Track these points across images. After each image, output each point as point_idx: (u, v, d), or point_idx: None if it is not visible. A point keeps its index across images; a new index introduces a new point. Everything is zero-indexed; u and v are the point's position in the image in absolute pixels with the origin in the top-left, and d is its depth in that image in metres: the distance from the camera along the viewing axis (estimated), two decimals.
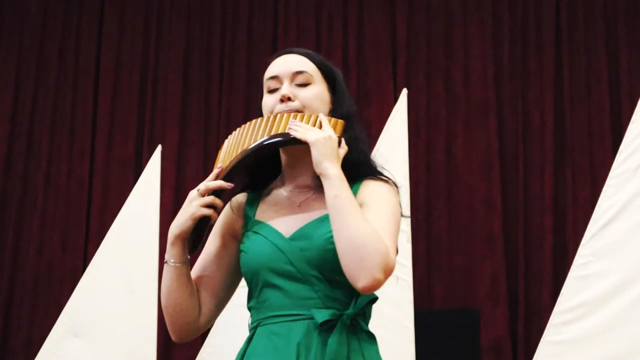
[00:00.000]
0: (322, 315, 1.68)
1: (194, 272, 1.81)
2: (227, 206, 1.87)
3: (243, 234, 1.81)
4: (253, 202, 1.85)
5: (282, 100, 1.81)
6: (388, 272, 1.63)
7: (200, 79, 5.64)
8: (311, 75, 1.84)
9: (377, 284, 1.62)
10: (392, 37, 5.50)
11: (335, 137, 1.73)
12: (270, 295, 1.73)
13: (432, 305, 4.97)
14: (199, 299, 1.80)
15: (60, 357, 3.97)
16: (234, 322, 1.89)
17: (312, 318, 1.69)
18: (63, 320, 4.03)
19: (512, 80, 5.30)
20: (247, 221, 1.83)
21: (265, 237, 1.75)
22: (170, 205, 5.28)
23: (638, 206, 3.40)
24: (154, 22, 5.76)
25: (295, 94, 1.81)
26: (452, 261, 5.08)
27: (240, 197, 1.87)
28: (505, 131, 5.24)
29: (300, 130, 1.73)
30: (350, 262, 1.62)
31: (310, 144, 1.71)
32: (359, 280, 1.61)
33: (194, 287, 1.79)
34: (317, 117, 1.78)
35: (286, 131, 1.74)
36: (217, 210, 1.76)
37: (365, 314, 1.76)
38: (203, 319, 1.81)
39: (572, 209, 5.00)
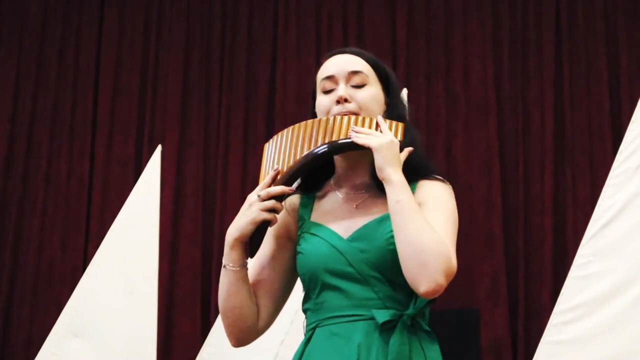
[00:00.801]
0: (382, 316, 1.67)
1: (251, 275, 1.78)
2: None
3: (298, 235, 1.80)
4: (307, 203, 1.84)
5: (338, 102, 1.79)
6: (450, 276, 1.63)
7: (200, 79, 5.63)
8: (367, 76, 1.84)
9: (439, 289, 1.63)
10: (392, 37, 5.49)
11: (397, 142, 1.72)
12: (329, 296, 1.72)
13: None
14: (257, 302, 1.77)
15: (60, 357, 3.96)
16: None
17: (372, 318, 1.68)
18: (63, 320, 4.03)
19: (512, 80, 5.29)
20: (302, 223, 1.81)
21: (323, 239, 1.74)
22: (170, 206, 5.28)
23: (638, 206, 3.39)
24: (154, 22, 5.75)
25: (352, 96, 1.80)
26: None
27: (294, 199, 1.85)
28: (505, 131, 5.24)
29: (362, 136, 1.71)
30: (412, 266, 1.62)
31: (373, 150, 1.69)
32: (421, 284, 1.62)
33: (252, 291, 1.76)
34: (376, 120, 1.76)
35: (348, 136, 1.72)
36: (278, 214, 1.73)
37: (424, 314, 1.77)
38: (262, 322, 1.78)
39: (572, 209, 4.99)
